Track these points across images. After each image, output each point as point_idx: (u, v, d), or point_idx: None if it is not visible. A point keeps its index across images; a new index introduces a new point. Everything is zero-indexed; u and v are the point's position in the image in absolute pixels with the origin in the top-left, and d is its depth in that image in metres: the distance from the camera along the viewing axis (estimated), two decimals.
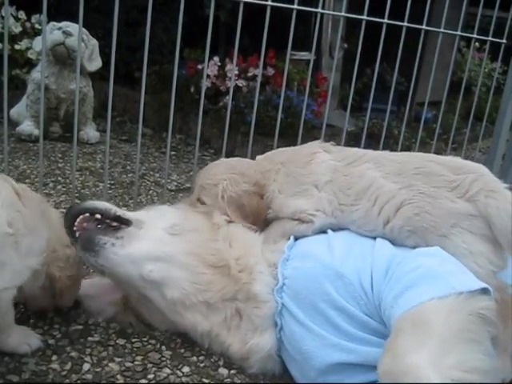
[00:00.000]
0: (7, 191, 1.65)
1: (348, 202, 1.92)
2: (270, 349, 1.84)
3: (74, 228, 1.90)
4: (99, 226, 1.94)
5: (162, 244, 1.92)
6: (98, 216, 1.95)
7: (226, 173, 2.12)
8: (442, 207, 1.78)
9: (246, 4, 2.49)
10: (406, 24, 2.91)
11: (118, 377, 1.76)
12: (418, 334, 1.44)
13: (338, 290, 1.71)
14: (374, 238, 1.87)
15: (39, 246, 1.70)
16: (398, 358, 1.42)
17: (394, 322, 1.53)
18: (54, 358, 1.80)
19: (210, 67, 4.35)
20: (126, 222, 1.96)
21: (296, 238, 1.98)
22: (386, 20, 2.83)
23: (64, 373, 1.74)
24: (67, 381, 1.71)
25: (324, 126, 2.88)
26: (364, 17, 2.76)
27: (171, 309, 1.89)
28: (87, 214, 1.94)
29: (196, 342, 1.94)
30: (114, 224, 1.96)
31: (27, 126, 4.07)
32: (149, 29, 2.36)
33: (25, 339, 1.82)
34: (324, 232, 1.96)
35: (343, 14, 2.73)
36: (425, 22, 3.02)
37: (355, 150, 2.11)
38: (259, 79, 2.73)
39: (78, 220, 1.91)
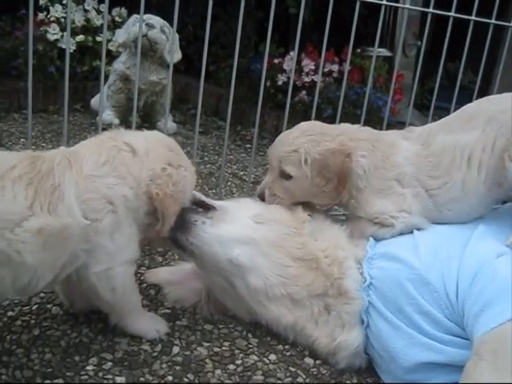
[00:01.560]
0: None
1: (440, 183, 1.86)
2: (358, 346, 1.83)
3: None
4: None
5: (249, 230, 1.91)
6: None
7: (302, 136, 1.97)
8: None
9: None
10: (493, 21, 2.85)
11: (207, 361, 1.80)
12: (497, 365, 1.42)
13: (423, 296, 1.69)
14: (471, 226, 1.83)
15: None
16: None
17: (474, 343, 1.51)
18: (145, 339, 1.84)
19: (287, 62, 4.38)
20: (210, 208, 1.97)
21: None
22: (473, 17, 2.78)
23: (155, 354, 1.79)
24: (158, 362, 1.76)
25: (407, 124, 2.85)
26: (452, 13, 2.72)
27: (254, 298, 1.89)
28: None
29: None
30: (200, 210, 1.98)
31: (108, 116, 4.19)
32: (240, 29, 2.40)
33: (154, 325, 1.88)
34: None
35: (431, 10, 2.69)
36: None
37: (419, 128, 2.04)
38: (345, 77, 2.73)
39: None
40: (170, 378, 1.70)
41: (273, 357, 1.86)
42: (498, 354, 1.43)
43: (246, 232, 1.91)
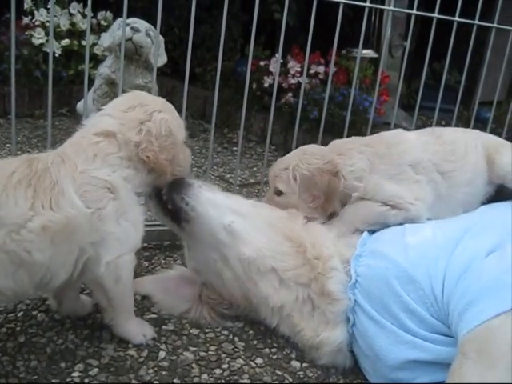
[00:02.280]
0: None
1: (458, 166, 2.02)
2: (340, 343, 1.85)
3: None
4: None
5: (244, 206, 2.00)
6: None
7: (296, 156, 2.09)
8: None
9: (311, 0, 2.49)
10: (476, 22, 2.86)
11: (193, 365, 1.80)
12: (482, 364, 1.43)
13: (409, 294, 1.70)
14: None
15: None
16: None
17: (459, 342, 1.52)
18: (131, 345, 1.85)
19: (273, 64, 4.38)
20: None
21: (370, 232, 1.98)
22: (456, 18, 2.79)
23: (141, 359, 1.79)
24: (144, 367, 1.76)
25: (392, 125, 2.86)
26: (435, 15, 2.73)
27: (247, 274, 1.91)
28: None
29: (268, 334, 1.97)
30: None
31: None
32: (223, 32, 2.40)
33: (141, 330, 1.88)
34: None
35: (415, 11, 2.70)
36: (496, 20, 2.96)
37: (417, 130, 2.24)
38: (330, 78, 2.73)
39: None
40: (156, 383, 1.70)
41: (259, 360, 1.87)
42: (483, 352, 1.44)
43: (241, 207, 2.00)
